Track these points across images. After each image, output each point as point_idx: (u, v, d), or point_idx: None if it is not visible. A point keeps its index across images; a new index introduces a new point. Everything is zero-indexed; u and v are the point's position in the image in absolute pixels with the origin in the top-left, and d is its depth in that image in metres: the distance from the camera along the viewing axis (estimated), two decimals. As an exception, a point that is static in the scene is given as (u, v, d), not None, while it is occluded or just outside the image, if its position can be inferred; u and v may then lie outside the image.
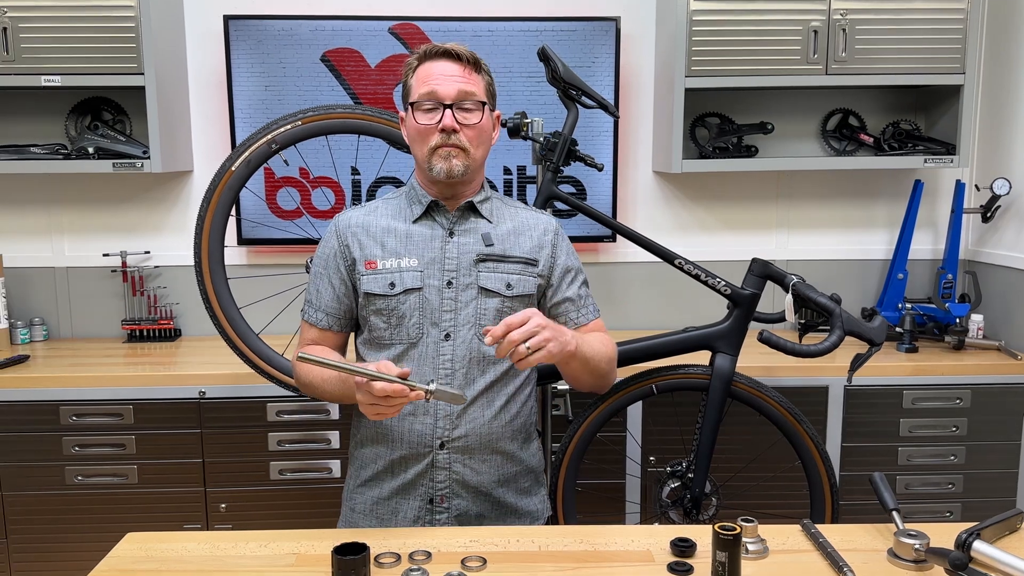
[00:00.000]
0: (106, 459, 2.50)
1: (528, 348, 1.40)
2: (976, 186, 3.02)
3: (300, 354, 1.43)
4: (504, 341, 1.39)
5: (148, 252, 2.96)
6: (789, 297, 2.08)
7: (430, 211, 1.65)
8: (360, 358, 1.69)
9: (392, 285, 1.60)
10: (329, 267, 1.66)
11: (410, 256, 1.61)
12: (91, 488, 2.50)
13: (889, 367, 2.62)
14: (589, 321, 1.71)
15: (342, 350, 1.72)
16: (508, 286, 1.62)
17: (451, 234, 1.63)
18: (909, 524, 1.41)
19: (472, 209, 1.66)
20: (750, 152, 2.93)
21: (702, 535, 1.40)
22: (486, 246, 1.62)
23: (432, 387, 1.39)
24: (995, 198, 2.84)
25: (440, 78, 1.56)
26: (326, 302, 1.66)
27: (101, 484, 2.50)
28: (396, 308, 1.59)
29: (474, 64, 1.59)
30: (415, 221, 1.64)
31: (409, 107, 1.60)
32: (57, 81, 2.56)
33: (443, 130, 1.55)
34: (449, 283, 1.60)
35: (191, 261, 2.21)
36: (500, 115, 1.68)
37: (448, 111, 1.55)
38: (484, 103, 1.59)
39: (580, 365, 1.59)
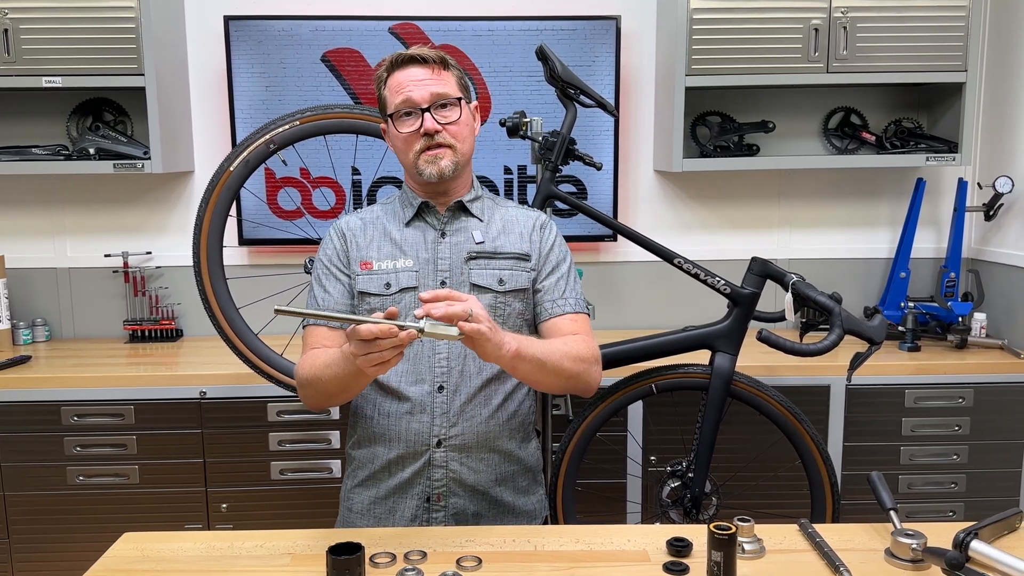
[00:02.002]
0: (107, 459, 2.50)
1: (469, 317, 1.32)
2: (979, 184, 3.00)
3: (276, 307, 1.32)
4: (440, 305, 1.33)
5: (149, 253, 2.97)
6: (789, 296, 2.08)
7: (421, 213, 1.66)
8: None
9: (388, 285, 1.61)
10: (335, 264, 1.66)
11: (405, 257, 1.63)
12: (92, 488, 2.51)
13: (891, 366, 2.61)
14: (563, 313, 1.64)
15: None
16: (500, 281, 1.63)
17: (443, 235, 1.65)
18: (909, 524, 1.40)
19: (463, 209, 1.67)
20: (751, 151, 2.92)
21: (699, 535, 1.40)
22: (476, 244, 1.64)
23: (422, 324, 1.31)
24: (997, 196, 2.82)
25: (411, 84, 1.57)
26: (336, 298, 1.65)
27: (102, 484, 2.51)
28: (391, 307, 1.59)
29: (441, 63, 1.60)
30: (407, 224, 1.66)
31: (388, 118, 1.62)
32: (58, 82, 2.56)
33: (426, 133, 1.57)
34: (443, 283, 1.61)
35: (191, 261, 2.22)
36: (478, 106, 1.70)
37: (427, 114, 1.57)
38: (460, 99, 1.60)
39: (534, 367, 1.48)
